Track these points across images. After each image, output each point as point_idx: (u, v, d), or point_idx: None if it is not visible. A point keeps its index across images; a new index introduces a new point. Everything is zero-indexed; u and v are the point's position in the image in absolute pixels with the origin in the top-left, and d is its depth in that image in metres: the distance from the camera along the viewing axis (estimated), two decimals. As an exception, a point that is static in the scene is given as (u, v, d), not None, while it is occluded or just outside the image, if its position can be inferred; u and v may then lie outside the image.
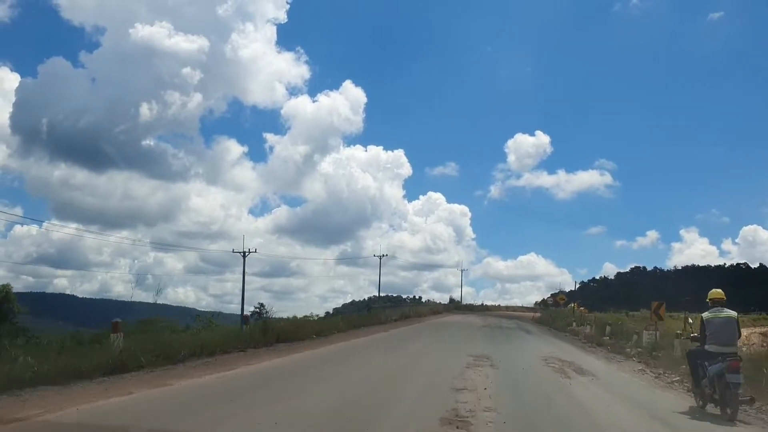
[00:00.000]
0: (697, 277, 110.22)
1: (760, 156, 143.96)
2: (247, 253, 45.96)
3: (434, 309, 53.33)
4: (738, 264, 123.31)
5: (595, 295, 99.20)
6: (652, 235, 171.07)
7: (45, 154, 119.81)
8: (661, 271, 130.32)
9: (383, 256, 62.00)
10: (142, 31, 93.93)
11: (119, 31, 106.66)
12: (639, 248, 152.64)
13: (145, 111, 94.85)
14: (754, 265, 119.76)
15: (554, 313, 44.82)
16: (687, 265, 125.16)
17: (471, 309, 63.83)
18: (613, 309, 53.57)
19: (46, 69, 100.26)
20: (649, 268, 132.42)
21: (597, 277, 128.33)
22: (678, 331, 16.44)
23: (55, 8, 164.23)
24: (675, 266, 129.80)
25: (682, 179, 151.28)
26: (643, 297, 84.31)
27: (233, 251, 47.54)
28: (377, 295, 62.04)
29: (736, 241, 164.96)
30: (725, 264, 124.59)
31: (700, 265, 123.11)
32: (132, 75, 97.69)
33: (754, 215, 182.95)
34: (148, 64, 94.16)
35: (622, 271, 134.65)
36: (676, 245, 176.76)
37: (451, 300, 67.34)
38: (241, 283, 45.16)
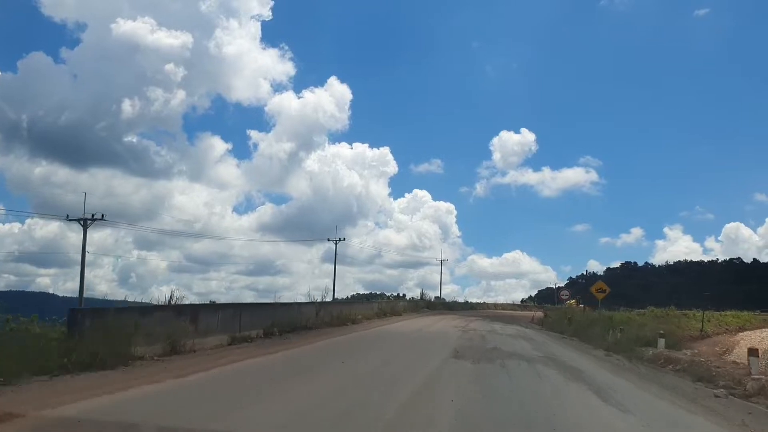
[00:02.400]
0: (690, 273, 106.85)
1: (744, 153, 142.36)
2: (90, 222, 39.90)
3: (390, 309, 36.38)
4: (731, 259, 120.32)
5: (584, 291, 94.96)
6: (637, 232, 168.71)
7: (25, 150, 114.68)
8: (652, 266, 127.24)
9: (340, 240, 56.90)
10: (124, 27, 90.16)
11: (101, 26, 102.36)
12: (623, 245, 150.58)
13: (128, 107, 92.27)
14: (748, 260, 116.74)
15: (563, 312, 35.37)
16: (678, 261, 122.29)
17: (450, 308, 54.65)
18: (622, 307, 46.44)
19: (27, 64, 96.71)
20: (639, 264, 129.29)
21: (585, 273, 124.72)
22: None
23: (36, 3, 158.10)
24: (666, 261, 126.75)
25: (666, 177, 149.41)
26: (637, 293, 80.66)
27: (68, 218, 40.74)
28: (359, 292, 57.22)
29: (719, 238, 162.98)
30: (717, 259, 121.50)
31: (693, 260, 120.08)
32: (114, 71, 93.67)
33: (736, 213, 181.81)
34: (130, 60, 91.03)
35: (611, 266, 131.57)
36: (659, 242, 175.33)
37: (422, 296, 55.68)
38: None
